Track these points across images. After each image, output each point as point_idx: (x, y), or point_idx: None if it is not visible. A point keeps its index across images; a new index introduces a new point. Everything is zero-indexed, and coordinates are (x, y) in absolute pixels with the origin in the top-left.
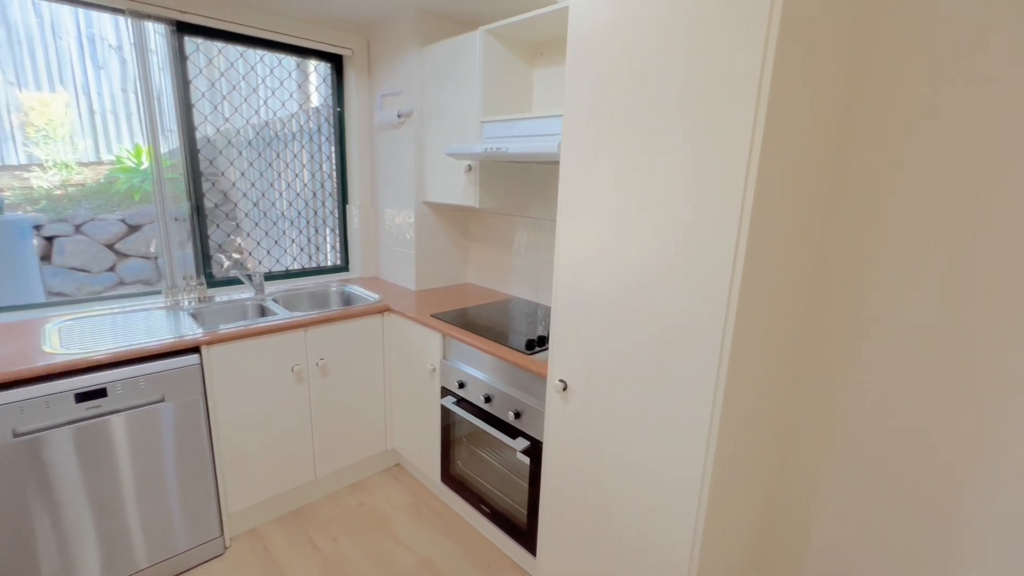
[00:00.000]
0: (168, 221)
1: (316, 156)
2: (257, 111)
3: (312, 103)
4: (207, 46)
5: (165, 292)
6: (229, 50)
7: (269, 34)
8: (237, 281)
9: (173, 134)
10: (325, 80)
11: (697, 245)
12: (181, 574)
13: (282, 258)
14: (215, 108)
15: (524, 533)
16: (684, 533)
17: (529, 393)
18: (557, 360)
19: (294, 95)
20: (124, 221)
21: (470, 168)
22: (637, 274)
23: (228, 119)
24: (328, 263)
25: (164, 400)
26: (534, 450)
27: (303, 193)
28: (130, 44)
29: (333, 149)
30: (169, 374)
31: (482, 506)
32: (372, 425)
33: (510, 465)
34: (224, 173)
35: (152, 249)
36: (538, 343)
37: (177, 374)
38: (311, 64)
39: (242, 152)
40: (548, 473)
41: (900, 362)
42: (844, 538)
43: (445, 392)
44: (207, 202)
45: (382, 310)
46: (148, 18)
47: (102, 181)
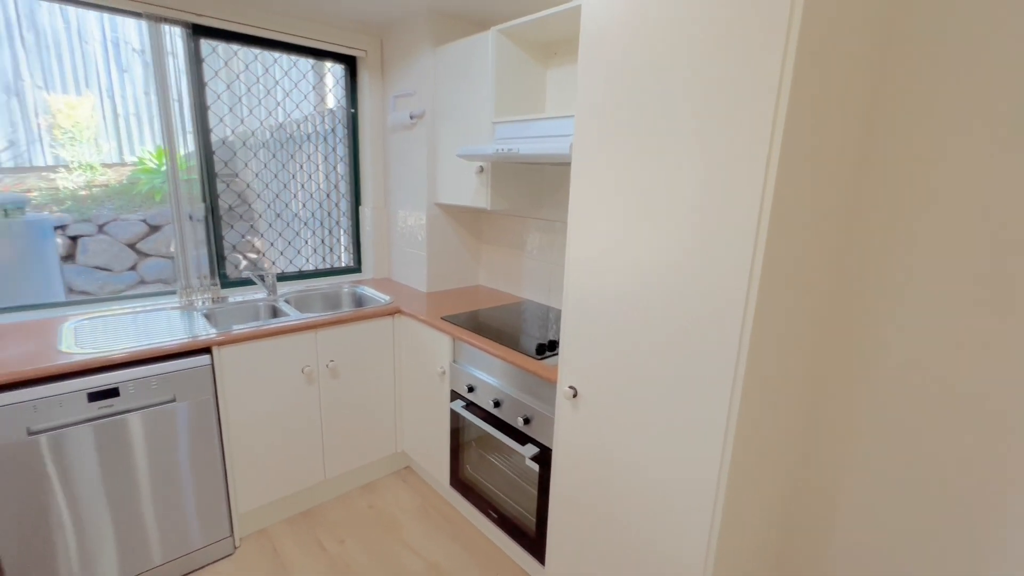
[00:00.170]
0: (184, 222)
1: (330, 157)
2: (272, 113)
3: (327, 105)
4: (223, 49)
5: (179, 292)
6: (245, 52)
7: (284, 36)
8: (250, 282)
9: (189, 136)
10: (339, 82)
11: (714, 245)
12: (191, 573)
13: (295, 259)
14: (230, 110)
15: (533, 540)
16: (698, 543)
17: (539, 399)
18: (567, 366)
19: (308, 97)
20: (145, 221)
21: (482, 169)
22: (651, 275)
23: (243, 121)
24: (341, 264)
25: (176, 400)
26: (543, 457)
27: (317, 194)
28: (149, 47)
29: (347, 150)
30: (181, 374)
31: (490, 511)
32: (382, 427)
33: (519, 471)
34: (239, 174)
35: (171, 249)
36: (548, 347)
37: (189, 374)
38: (326, 66)
39: (257, 154)
40: (558, 481)
41: (933, 356)
42: (869, 541)
43: (454, 396)
44: (222, 203)
45: (393, 312)
46: (165, 21)
47: (124, 182)
